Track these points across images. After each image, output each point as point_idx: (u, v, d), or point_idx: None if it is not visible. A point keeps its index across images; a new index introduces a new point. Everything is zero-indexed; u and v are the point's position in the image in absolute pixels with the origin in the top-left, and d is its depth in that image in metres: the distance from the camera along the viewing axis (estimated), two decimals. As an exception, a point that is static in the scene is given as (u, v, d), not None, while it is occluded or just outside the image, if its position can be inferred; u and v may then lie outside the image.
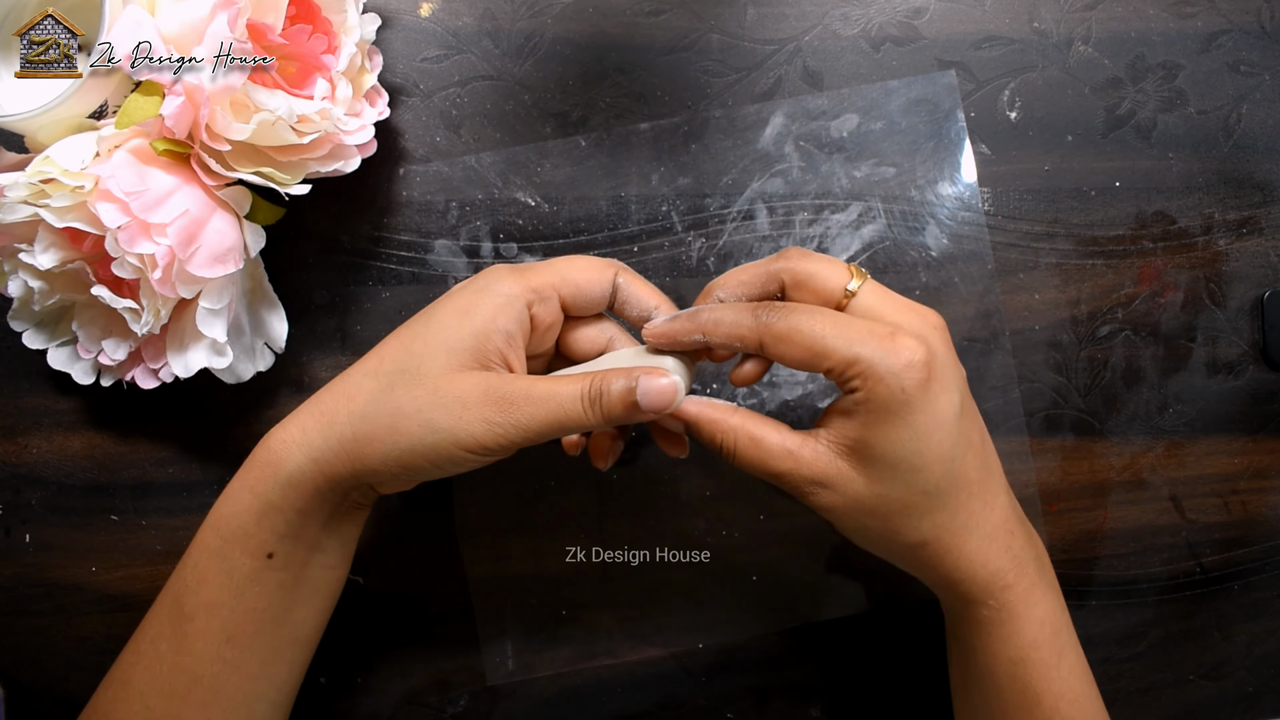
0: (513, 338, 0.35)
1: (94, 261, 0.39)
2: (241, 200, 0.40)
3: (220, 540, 0.35)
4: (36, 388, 0.45)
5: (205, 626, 0.35)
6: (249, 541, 0.35)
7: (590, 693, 0.47)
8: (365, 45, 0.42)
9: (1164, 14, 0.48)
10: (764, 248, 0.46)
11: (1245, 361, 0.48)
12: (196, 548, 0.36)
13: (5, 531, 0.45)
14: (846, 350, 0.33)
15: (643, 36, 0.46)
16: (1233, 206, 0.48)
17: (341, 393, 0.35)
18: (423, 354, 0.34)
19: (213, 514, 0.36)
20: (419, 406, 0.33)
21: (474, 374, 0.34)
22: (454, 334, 0.34)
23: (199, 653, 0.35)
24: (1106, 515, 0.48)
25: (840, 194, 0.47)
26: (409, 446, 0.33)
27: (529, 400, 0.33)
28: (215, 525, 0.35)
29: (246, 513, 0.35)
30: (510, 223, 0.46)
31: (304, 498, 0.35)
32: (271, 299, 0.43)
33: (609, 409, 0.33)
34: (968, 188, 0.47)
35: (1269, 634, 0.49)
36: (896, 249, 0.47)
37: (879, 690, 0.47)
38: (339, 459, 0.34)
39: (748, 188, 0.46)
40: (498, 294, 0.35)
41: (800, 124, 0.47)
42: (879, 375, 0.33)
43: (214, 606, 0.35)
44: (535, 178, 0.46)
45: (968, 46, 0.47)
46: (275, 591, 0.36)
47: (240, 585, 0.35)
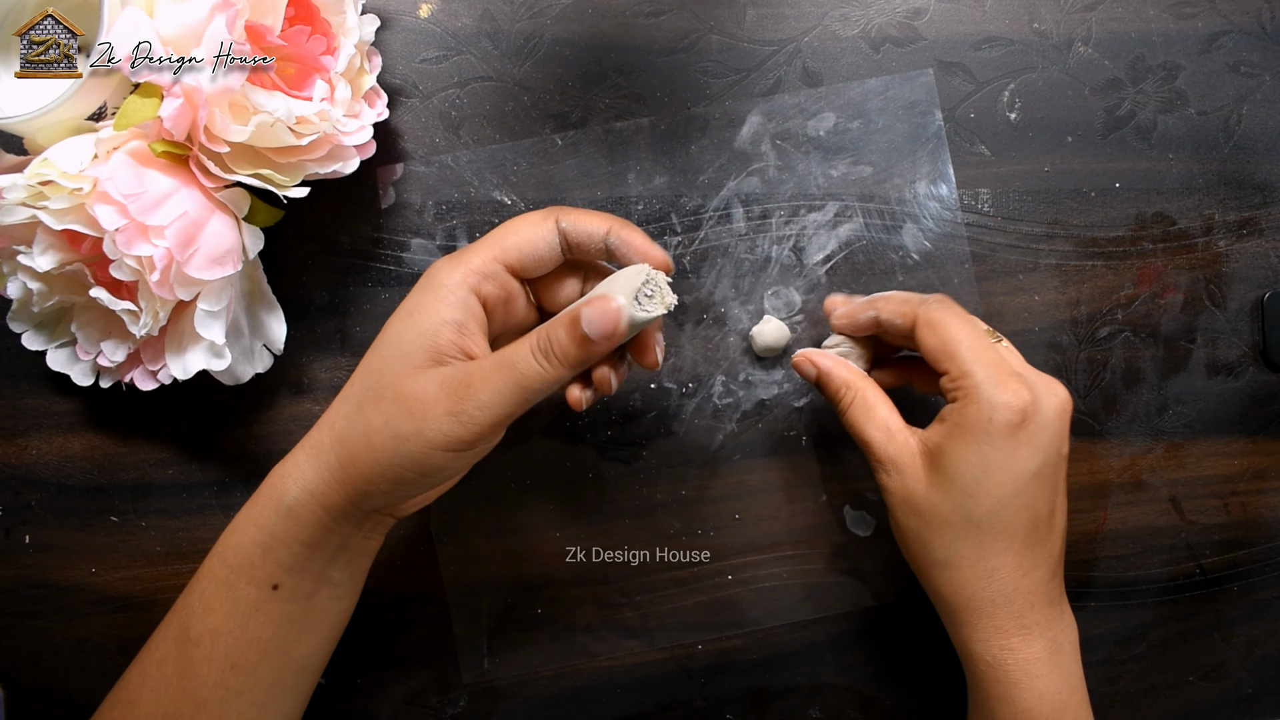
0: (463, 325, 0.34)
1: (92, 263, 0.39)
2: (240, 202, 0.39)
3: (227, 570, 0.35)
4: (36, 389, 0.45)
5: (210, 652, 0.35)
6: (254, 572, 0.35)
7: (590, 693, 0.47)
8: (364, 46, 0.42)
9: (1164, 15, 0.48)
10: (740, 247, 0.46)
11: (1245, 363, 0.48)
12: (204, 575, 0.36)
13: (5, 533, 0.45)
14: (969, 363, 0.36)
15: (642, 37, 0.46)
16: (1233, 207, 0.48)
17: (325, 421, 0.36)
18: (381, 368, 0.34)
19: (220, 543, 0.36)
20: (386, 419, 0.33)
21: (429, 372, 0.33)
22: (404, 339, 0.34)
23: (203, 678, 0.35)
24: (1106, 516, 0.48)
25: (817, 193, 0.46)
26: (387, 461, 0.33)
27: (485, 378, 0.33)
28: (222, 554, 0.36)
29: (252, 545, 0.35)
30: (486, 222, 0.46)
31: (306, 530, 0.35)
32: (270, 301, 0.43)
33: (564, 353, 0.33)
34: (947, 187, 0.47)
35: (1269, 635, 0.49)
36: (874, 249, 0.47)
37: (879, 690, 0.47)
38: (331, 487, 0.34)
39: (724, 187, 0.46)
40: (438, 286, 0.35)
41: (777, 123, 0.46)
42: (978, 397, 0.35)
43: (219, 634, 0.35)
44: (512, 177, 0.46)
45: (968, 47, 0.47)
46: (281, 622, 0.36)
47: (246, 614, 0.35)
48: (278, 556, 0.35)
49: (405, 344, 0.34)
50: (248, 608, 0.35)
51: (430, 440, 0.33)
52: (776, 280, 0.46)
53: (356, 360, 0.36)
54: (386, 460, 0.33)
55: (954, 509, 0.36)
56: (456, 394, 0.32)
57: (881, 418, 0.39)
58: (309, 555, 0.35)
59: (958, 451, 0.36)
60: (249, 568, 0.35)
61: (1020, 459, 0.35)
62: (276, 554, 0.35)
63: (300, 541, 0.35)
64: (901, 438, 0.38)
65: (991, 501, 0.35)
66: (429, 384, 0.33)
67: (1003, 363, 0.36)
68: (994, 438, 0.35)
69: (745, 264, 0.46)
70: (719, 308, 0.46)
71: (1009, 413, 0.35)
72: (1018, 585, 0.36)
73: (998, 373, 0.35)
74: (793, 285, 0.46)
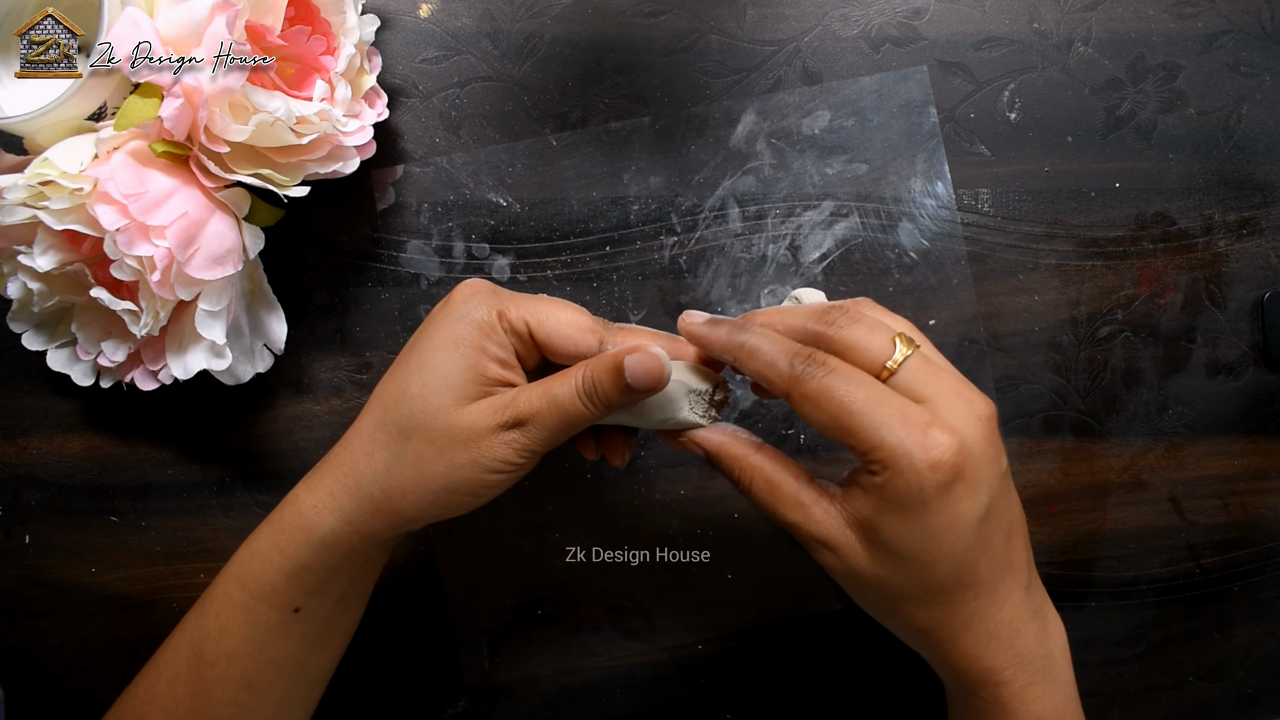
0: (505, 360, 0.35)
1: (93, 263, 0.39)
2: (240, 202, 0.39)
3: (246, 595, 0.36)
4: (36, 389, 0.45)
5: (226, 674, 0.36)
6: (277, 598, 0.35)
7: (590, 693, 0.47)
8: (364, 46, 0.42)
9: (1164, 14, 0.48)
10: (736, 246, 0.46)
11: (1245, 363, 0.48)
12: (219, 599, 0.36)
13: (5, 532, 0.45)
14: (873, 433, 0.31)
15: (642, 38, 0.46)
16: (1233, 207, 0.48)
17: (360, 451, 0.35)
18: (425, 396, 0.34)
19: (237, 568, 0.36)
20: (439, 449, 0.34)
21: (480, 404, 0.34)
22: (450, 370, 0.34)
23: (217, 698, 0.36)
24: (1106, 516, 0.48)
25: (813, 192, 0.46)
26: (442, 488, 0.34)
27: (534, 411, 0.34)
28: (240, 580, 0.36)
29: (277, 572, 0.35)
30: (482, 223, 0.46)
31: (337, 558, 0.35)
32: (271, 300, 0.43)
33: (605, 395, 0.33)
34: (943, 186, 0.47)
35: (1268, 635, 0.49)
36: (871, 247, 0.47)
37: (879, 691, 0.47)
38: (374, 518, 0.35)
39: (719, 186, 0.46)
40: (478, 321, 0.35)
41: (772, 121, 0.46)
42: (900, 469, 0.31)
43: (236, 656, 0.36)
44: (509, 178, 0.46)
45: (968, 47, 0.47)
46: (298, 643, 0.36)
47: (264, 638, 0.36)
48: (303, 582, 0.35)
49: (452, 376, 0.34)
50: (267, 631, 0.36)
51: (486, 465, 0.34)
52: (773, 279, 0.46)
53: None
54: (440, 487, 0.34)
55: (908, 582, 0.33)
56: (509, 424, 0.34)
57: (790, 493, 0.34)
58: (333, 579, 0.36)
59: (896, 527, 0.32)
60: (272, 594, 0.35)
61: (964, 511, 0.31)
62: (302, 580, 0.35)
63: (328, 568, 0.35)
64: (821, 512, 0.33)
65: (948, 563, 0.32)
66: (482, 416, 0.34)
67: (911, 412, 0.31)
68: (930, 505, 0.31)
69: (742, 263, 0.46)
70: (716, 307, 0.46)
71: (939, 474, 0.31)
72: (997, 619, 0.34)
73: (910, 431, 0.31)
74: (789, 284, 0.46)
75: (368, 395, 0.43)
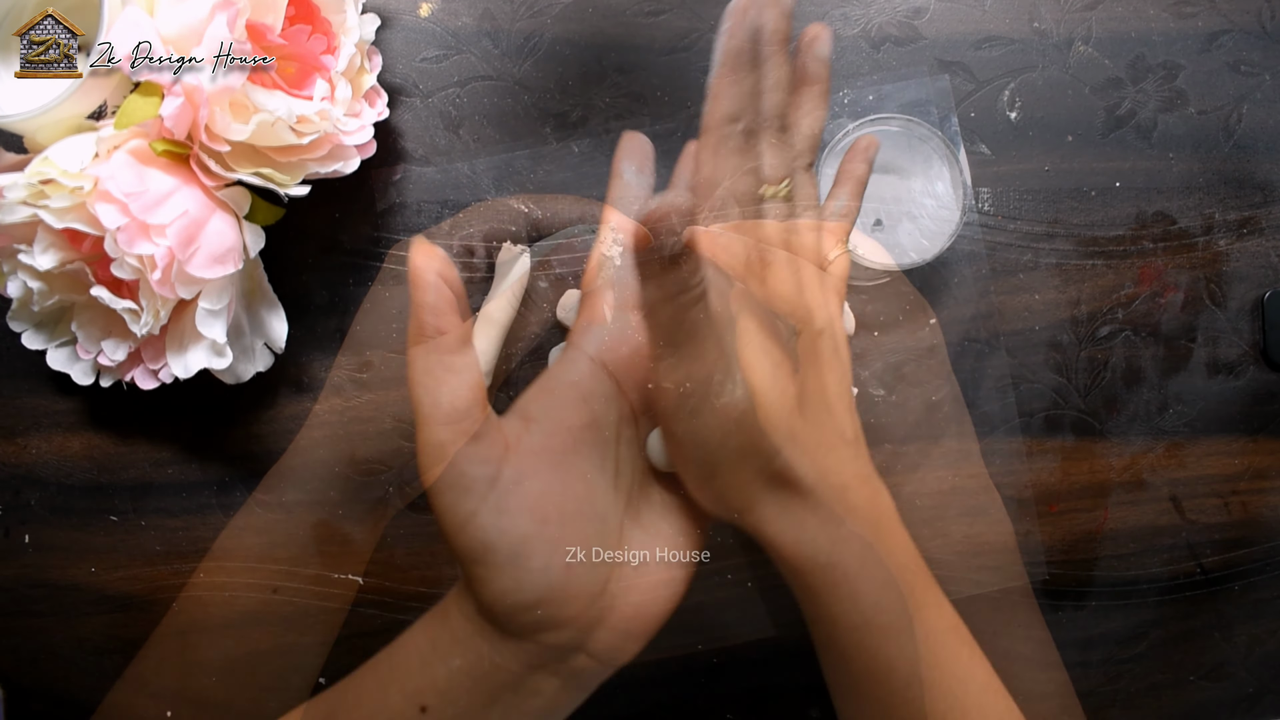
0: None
1: (93, 262, 0.39)
2: (241, 201, 0.39)
3: (226, 576, 0.37)
4: (36, 388, 0.45)
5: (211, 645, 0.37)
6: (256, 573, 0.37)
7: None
8: (364, 45, 0.42)
9: (1164, 14, 0.48)
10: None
11: (1245, 362, 0.48)
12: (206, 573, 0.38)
13: (5, 532, 0.45)
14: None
15: (642, 37, 0.46)
16: (1233, 207, 0.48)
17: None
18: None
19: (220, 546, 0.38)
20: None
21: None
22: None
23: (207, 665, 0.37)
24: (1107, 516, 0.48)
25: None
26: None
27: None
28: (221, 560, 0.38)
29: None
30: (502, 229, 0.46)
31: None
32: (271, 299, 0.43)
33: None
34: (943, 185, 0.47)
35: (1269, 634, 0.49)
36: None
37: (879, 691, 0.47)
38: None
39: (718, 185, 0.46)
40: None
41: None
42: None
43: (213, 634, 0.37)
44: (529, 184, 0.46)
45: (968, 46, 0.47)
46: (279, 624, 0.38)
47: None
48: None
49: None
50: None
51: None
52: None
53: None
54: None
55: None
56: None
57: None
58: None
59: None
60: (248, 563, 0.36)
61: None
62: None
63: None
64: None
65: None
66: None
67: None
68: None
69: (745, 263, 0.46)
70: (719, 307, 0.46)
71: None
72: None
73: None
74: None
75: (368, 394, 0.42)
